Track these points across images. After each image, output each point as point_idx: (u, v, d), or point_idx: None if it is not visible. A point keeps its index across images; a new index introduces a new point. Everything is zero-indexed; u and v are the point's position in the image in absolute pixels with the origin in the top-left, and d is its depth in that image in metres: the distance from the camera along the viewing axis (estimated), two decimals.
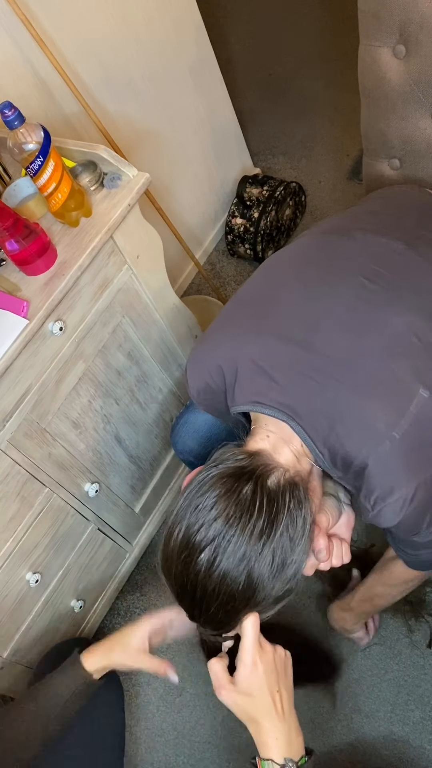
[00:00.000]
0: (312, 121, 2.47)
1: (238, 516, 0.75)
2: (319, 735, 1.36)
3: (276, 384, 0.83)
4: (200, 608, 0.78)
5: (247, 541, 0.74)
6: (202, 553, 0.75)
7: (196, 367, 0.95)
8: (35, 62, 1.40)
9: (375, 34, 1.12)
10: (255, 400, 0.84)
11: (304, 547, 0.79)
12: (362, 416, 0.79)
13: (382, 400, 0.79)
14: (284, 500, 0.77)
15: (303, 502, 0.79)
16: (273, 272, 0.98)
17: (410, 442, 0.78)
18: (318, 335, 0.84)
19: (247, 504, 0.75)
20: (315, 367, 0.82)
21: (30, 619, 1.32)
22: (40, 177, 1.05)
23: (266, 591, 0.77)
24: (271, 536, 0.75)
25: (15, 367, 1.04)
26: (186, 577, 0.77)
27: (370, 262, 0.90)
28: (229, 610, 0.77)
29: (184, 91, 1.86)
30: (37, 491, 1.20)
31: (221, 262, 2.22)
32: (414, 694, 1.35)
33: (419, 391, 0.78)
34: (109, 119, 1.61)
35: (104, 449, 1.36)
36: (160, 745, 1.44)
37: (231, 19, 2.97)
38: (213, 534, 0.75)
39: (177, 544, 0.78)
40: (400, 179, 1.30)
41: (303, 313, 0.87)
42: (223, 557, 0.74)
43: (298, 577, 0.79)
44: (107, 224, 1.12)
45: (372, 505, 0.80)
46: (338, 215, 1.08)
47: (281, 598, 0.80)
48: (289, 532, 0.76)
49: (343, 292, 0.87)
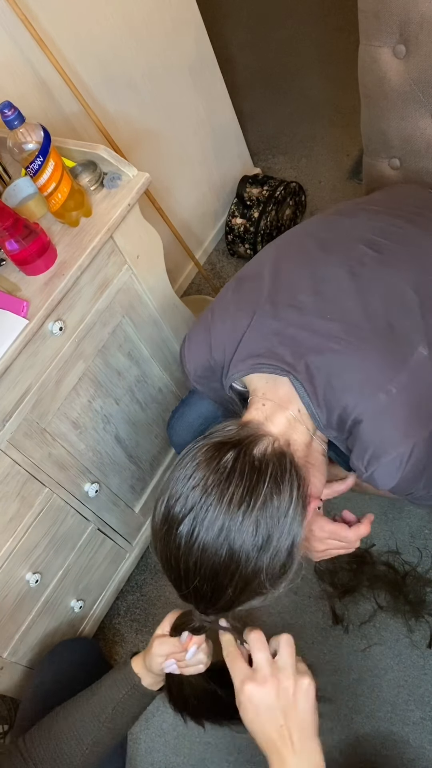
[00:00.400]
0: (312, 121, 2.47)
1: (216, 484, 0.72)
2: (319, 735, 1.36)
3: (276, 344, 0.83)
4: (186, 583, 0.75)
5: (225, 510, 0.71)
6: (182, 525, 0.72)
7: (195, 344, 0.94)
8: (35, 62, 1.40)
9: (375, 34, 1.12)
10: (256, 361, 0.84)
11: (295, 520, 0.74)
12: (359, 369, 0.79)
13: (379, 354, 0.79)
14: (267, 468, 0.73)
15: (290, 470, 0.75)
16: (274, 249, 0.99)
17: (407, 399, 0.77)
18: (319, 297, 0.85)
19: (227, 472, 0.72)
20: (315, 327, 0.82)
21: (30, 619, 1.32)
22: (40, 177, 1.05)
23: (253, 565, 0.72)
24: (251, 505, 0.71)
25: (15, 367, 1.04)
26: (169, 551, 0.75)
27: (372, 233, 0.92)
28: (216, 586, 0.73)
29: (184, 91, 1.86)
30: (37, 491, 1.20)
31: (221, 262, 2.22)
32: (414, 694, 1.35)
33: (418, 348, 0.78)
34: (109, 119, 1.61)
35: (104, 449, 1.36)
36: (160, 745, 1.44)
37: (231, 19, 2.97)
38: (191, 504, 0.72)
39: (159, 517, 0.76)
40: (400, 179, 1.30)
41: (304, 279, 0.88)
42: (202, 528, 0.71)
43: (294, 553, 0.75)
44: (107, 224, 1.12)
45: (366, 464, 0.79)
46: (340, 203, 1.10)
47: (278, 577, 0.75)
48: (274, 501, 0.72)
49: (345, 258, 0.88)
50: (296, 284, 0.89)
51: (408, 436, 0.77)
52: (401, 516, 1.54)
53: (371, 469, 0.79)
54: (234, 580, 0.73)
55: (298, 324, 0.84)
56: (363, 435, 0.78)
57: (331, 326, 0.82)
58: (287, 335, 0.84)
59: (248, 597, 0.76)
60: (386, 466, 0.78)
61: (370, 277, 0.86)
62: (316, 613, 1.49)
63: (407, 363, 0.78)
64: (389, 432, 0.77)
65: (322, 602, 1.49)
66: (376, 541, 1.51)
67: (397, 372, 0.77)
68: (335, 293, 0.85)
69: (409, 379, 0.77)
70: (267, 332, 0.85)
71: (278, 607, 1.51)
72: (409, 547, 1.49)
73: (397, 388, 0.77)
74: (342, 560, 1.50)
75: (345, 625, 1.45)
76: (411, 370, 0.78)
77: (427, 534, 1.50)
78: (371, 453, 0.78)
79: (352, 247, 0.90)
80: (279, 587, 0.76)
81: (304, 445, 0.82)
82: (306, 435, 0.83)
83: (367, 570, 1.47)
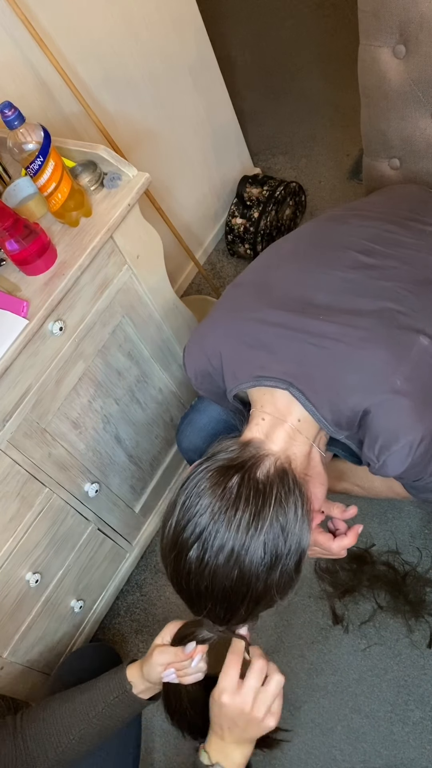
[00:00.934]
0: (312, 121, 2.47)
1: (223, 510, 0.73)
2: (319, 735, 1.36)
3: (274, 355, 0.84)
4: (198, 606, 0.78)
5: (234, 536, 0.73)
6: (191, 551, 0.74)
7: (193, 351, 0.95)
8: (35, 62, 1.40)
9: (375, 34, 1.12)
10: (256, 374, 0.84)
11: (302, 537, 0.77)
12: (362, 366, 0.79)
13: (380, 350, 0.79)
14: (272, 491, 0.75)
15: (293, 489, 0.77)
16: (269, 256, 1.00)
17: (413, 388, 0.78)
18: (313, 303, 0.85)
19: (233, 498, 0.74)
20: (312, 332, 0.83)
21: (30, 619, 1.32)
22: (40, 177, 1.05)
23: (263, 584, 0.75)
24: (259, 529, 0.73)
25: (15, 367, 1.04)
26: (179, 576, 0.77)
27: (364, 239, 0.92)
28: (228, 607, 0.77)
29: (184, 91, 1.86)
30: (37, 491, 1.20)
31: (221, 262, 2.22)
32: (414, 694, 1.35)
33: (419, 339, 0.79)
34: (109, 119, 1.61)
35: (104, 449, 1.36)
36: (160, 745, 1.44)
37: (231, 19, 2.97)
38: (199, 530, 0.74)
39: (167, 543, 0.78)
40: (400, 179, 1.30)
41: (299, 286, 0.89)
42: (211, 554, 0.73)
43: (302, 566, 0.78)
44: (107, 224, 1.12)
45: (377, 454, 0.80)
46: (335, 207, 1.11)
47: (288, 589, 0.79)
48: (280, 522, 0.75)
49: (338, 265, 0.89)
50: (289, 290, 0.89)
51: (417, 424, 0.77)
52: (401, 516, 1.54)
53: (383, 458, 0.79)
54: (246, 600, 0.76)
55: (293, 328, 0.84)
56: (372, 426, 0.79)
57: (326, 327, 0.82)
58: (281, 342, 0.84)
59: (261, 610, 0.80)
60: (397, 453, 0.78)
61: (363, 279, 0.87)
62: (316, 613, 1.49)
63: (409, 354, 0.79)
64: (398, 421, 0.78)
65: (322, 602, 1.49)
66: (376, 541, 1.51)
67: (400, 363, 0.78)
68: (328, 297, 0.86)
69: (413, 370, 0.78)
70: (263, 343, 0.86)
71: (278, 607, 1.51)
72: (409, 547, 1.49)
73: (401, 379, 0.77)
74: (342, 560, 1.50)
75: (345, 625, 1.45)
76: (414, 361, 0.78)
77: (427, 534, 1.50)
78: (381, 443, 0.79)
79: (344, 254, 0.91)
80: (288, 597, 0.80)
81: (303, 457, 0.83)
82: (306, 445, 0.83)
83: (367, 570, 1.47)
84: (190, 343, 0.96)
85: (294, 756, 1.35)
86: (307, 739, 1.36)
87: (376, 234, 0.94)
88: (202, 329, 0.95)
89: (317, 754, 1.34)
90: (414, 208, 1.05)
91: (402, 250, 0.92)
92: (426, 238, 0.95)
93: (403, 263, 0.89)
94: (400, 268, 0.89)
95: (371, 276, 0.87)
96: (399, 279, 0.87)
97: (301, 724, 1.38)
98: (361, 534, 1.50)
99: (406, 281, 0.86)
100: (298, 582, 0.79)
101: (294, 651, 1.45)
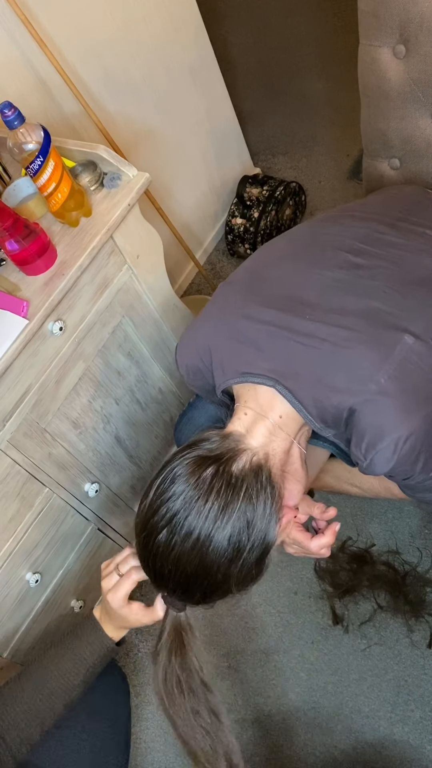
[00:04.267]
0: (312, 121, 2.47)
1: (194, 499, 0.76)
2: (319, 735, 1.36)
3: (261, 352, 0.86)
4: (160, 583, 0.82)
5: (201, 525, 0.75)
6: (160, 534, 0.77)
7: (185, 347, 0.97)
8: (35, 62, 1.40)
9: (375, 33, 1.12)
10: (243, 370, 0.86)
11: (268, 533, 0.79)
12: (347, 365, 0.80)
13: (365, 347, 0.80)
14: (243, 485, 0.78)
15: (265, 486, 0.79)
16: (261, 256, 1.01)
17: (398, 386, 0.78)
18: (302, 302, 0.87)
19: (205, 488, 0.77)
20: (298, 330, 0.84)
21: (30, 619, 1.32)
22: (40, 177, 1.05)
23: (222, 575, 0.78)
24: (225, 521, 0.76)
25: (15, 367, 1.04)
26: (147, 555, 0.80)
27: (355, 240, 0.94)
28: (187, 589, 0.80)
29: (184, 91, 1.86)
30: (37, 491, 1.20)
31: (221, 262, 2.22)
32: (414, 694, 1.35)
33: (403, 338, 0.80)
34: (109, 119, 1.61)
35: (104, 449, 1.36)
36: (160, 745, 1.44)
37: (231, 19, 2.97)
38: (170, 516, 0.77)
39: (139, 523, 0.81)
40: (400, 179, 1.30)
41: (289, 285, 0.90)
42: (178, 539, 0.76)
43: (263, 563, 0.81)
44: (107, 224, 1.12)
45: (364, 453, 0.81)
46: (330, 209, 1.11)
47: (246, 583, 0.81)
48: (247, 516, 0.77)
49: (328, 264, 0.91)
50: (279, 289, 0.90)
51: (402, 422, 0.78)
52: (401, 516, 1.54)
53: (369, 456, 0.80)
54: (203, 587, 0.79)
55: (281, 326, 0.85)
56: (358, 424, 0.80)
57: (312, 326, 0.83)
58: (269, 340, 0.86)
59: (216, 599, 0.83)
60: (383, 451, 0.79)
61: (352, 279, 0.88)
62: (316, 613, 1.49)
63: (393, 353, 0.79)
64: (383, 419, 0.79)
65: (322, 602, 1.49)
66: (376, 541, 1.51)
67: (384, 362, 0.79)
68: (316, 296, 0.87)
69: (397, 368, 0.79)
70: (248, 337, 0.87)
71: (278, 607, 1.51)
72: (409, 547, 1.49)
73: (385, 378, 0.78)
74: (342, 560, 1.50)
75: (345, 625, 1.45)
76: (398, 360, 0.79)
77: (427, 534, 1.50)
78: (368, 441, 0.80)
79: (335, 254, 0.92)
80: (248, 591, 0.83)
81: (282, 453, 0.85)
82: (286, 441, 0.85)
83: (367, 570, 1.47)
84: (182, 339, 0.98)
85: (294, 756, 1.35)
86: (307, 739, 1.36)
87: (366, 234, 0.95)
88: (194, 326, 0.98)
89: (317, 754, 1.34)
90: (406, 209, 1.05)
91: (391, 251, 0.92)
92: (415, 238, 0.95)
93: (392, 263, 0.90)
94: (389, 268, 0.89)
95: (360, 275, 0.88)
96: (386, 278, 0.87)
97: (301, 724, 1.38)
98: (361, 534, 1.52)
99: (394, 281, 0.87)
100: (261, 577, 0.82)
101: (294, 651, 1.45)
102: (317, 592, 1.50)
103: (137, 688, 1.52)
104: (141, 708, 1.50)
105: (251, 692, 1.44)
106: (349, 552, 1.51)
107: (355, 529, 1.55)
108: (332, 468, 1.15)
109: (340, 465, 1.15)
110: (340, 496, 1.50)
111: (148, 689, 1.51)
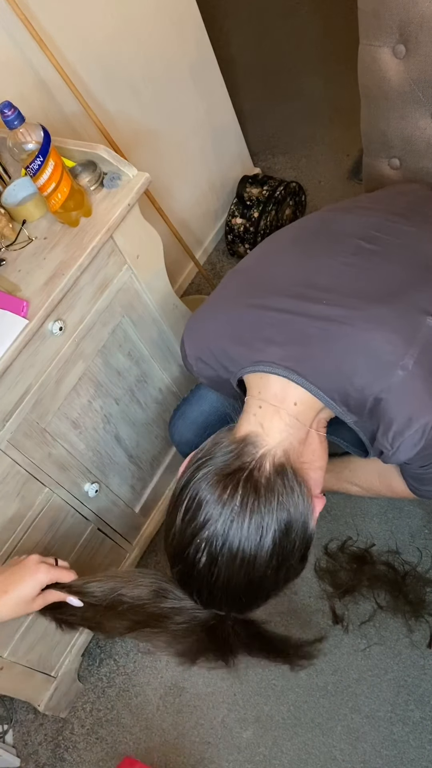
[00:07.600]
0: (312, 121, 2.47)
1: (230, 521, 0.74)
2: (319, 735, 1.36)
3: (275, 341, 0.83)
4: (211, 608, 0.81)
5: (243, 545, 0.74)
6: (200, 564, 0.75)
7: (193, 337, 0.94)
8: (35, 62, 1.40)
9: (375, 33, 1.12)
10: (256, 359, 0.84)
11: (306, 529, 0.78)
12: (369, 351, 0.78)
13: (387, 332, 0.78)
14: (274, 492, 0.76)
15: (293, 484, 0.77)
16: (270, 244, 0.99)
17: (424, 371, 0.77)
18: (316, 287, 0.85)
19: (237, 508, 0.74)
20: (314, 316, 0.82)
21: (30, 619, 1.32)
22: (40, 177, 1.05)
23: (273, 581, 0.77)
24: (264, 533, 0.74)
25: (15, 367, 1.04)
26: (191, 585, 0.78)
27: (368, 228, 0.93)
28: (241, 608, 0.80)
29: (184, 91, 1.86)
30: (37, 491, 1.20)
31: (221, 262, 2.22)
32: (414, 694, 1.35)
33: (426, 320, 0.78)
34: (109, 119, 1.61)
35: (104, 449, 1.36)
36: (160, 745, 1.44)
37: (231, 19, 2.97)
38: (207, 544, 0.74)
39: (173, 554, 0.78)
40: (400, 179, 1.30)
41: (300, 272, 0.89)
42: (222, 565, 0.74)
43: (307, 556, 0.80)
44: (107, 224, 1.12)
45: (391, 441, 0.79)
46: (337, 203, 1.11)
47: (291, 582, 0.81)
48: (284, 521, 0.75)
49: (340, 251, 0.89)
50: (291, 276, 0.89)
51: (430, 407, 0.77)
52: (401, 516, 1.54)
53: (397, 444, 0.79)
54: (257, 598, 0.79)
55: (295, 312, 0.83)
56: (387, 412, 0.78)
57: (330, 311, 0.81)
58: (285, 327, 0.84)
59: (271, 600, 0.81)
60: (411, 438, 0.78)
61: (366, 264, 0.87)
62: (316, 613, 1.49)
63: (417, 336, 0.78)
64: (412, 406, 0.77)
65: (322, 602, 1.49)
66: (376, 541, 1.51)
67: (410, 346, 0.77)
68: (332, 282, 0.86)
69: (422, 352, 0.77)
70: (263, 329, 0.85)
71: (278, 607, 1.51)
72: (409, 547, 1.49)
73: (411, 363, 0.77)
74: (342, 560, 1.50)
75: (345, 625, 1.45)
76: (422, 343, 0.78)
77: (427, 534, 1.50)
78: (396, 428, 0.78)
79: (347, 240, 0.91)
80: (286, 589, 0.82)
81: (299, 443, 0.82)
82: (302, 431, 0.82)
83: (367, 570, 1.47)
84: (189, 329, 0.95)
85: (294, 756, 1.35)
86: (307, 739, 1.36)
87: (379, 223, 0.94)
88: (202, 315, 0.94)
89: (317, 754, 1.34)
90: (414, 201, 1.06)
91: (404, 238, 0.92)
92: (426, 227, 0.95)
93: (406, 248, 0.89)
94: (403, 253, 0.88)
95: (375, 261, 0.87)
96: (402, 263, 0.86)
97: (301, 724, 1.38)
98: (361, 534, 1.52)
99: (409, 265, 0.86)
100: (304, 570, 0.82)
101: None
102: (317, 592, 1.50)
103: (137, 688, 1.52)
104: (141, 708, 1.49)
105: (251, 692, 1.44)
106: (349, 552, 1.51)
107: (355, 529, 1.55)
108: (332, 466, 1.14)
109: (340, 463, 1.15)
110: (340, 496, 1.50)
111: (148, 689, 1.51)
